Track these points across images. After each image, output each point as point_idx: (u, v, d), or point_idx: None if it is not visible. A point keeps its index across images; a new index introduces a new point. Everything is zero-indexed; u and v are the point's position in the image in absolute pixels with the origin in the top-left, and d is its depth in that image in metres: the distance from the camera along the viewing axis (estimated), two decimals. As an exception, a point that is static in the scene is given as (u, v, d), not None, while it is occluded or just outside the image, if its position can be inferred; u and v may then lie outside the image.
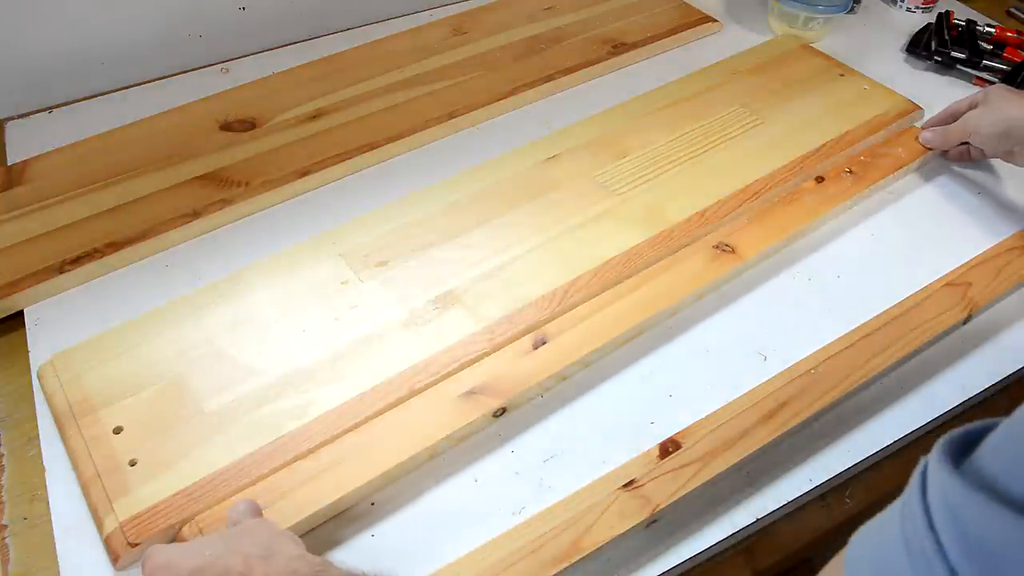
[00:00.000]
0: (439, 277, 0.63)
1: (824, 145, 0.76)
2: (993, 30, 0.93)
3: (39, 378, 0.58)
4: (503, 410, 0.56)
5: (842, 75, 0.87)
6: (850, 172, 0.74)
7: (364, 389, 0.55)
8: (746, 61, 0.88)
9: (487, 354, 0.58)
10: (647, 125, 0.78)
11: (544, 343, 0.58)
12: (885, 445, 0.55)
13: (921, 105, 0.83)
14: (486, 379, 0.56)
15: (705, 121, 0.79)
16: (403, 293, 0.62)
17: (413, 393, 0.55)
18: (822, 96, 0.82)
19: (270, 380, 0.56)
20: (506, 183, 0.72)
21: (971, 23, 0.94)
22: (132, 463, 0.51)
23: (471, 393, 0.55)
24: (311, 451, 0.52)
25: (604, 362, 0.60)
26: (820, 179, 0.73)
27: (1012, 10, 1.05)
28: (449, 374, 0.56)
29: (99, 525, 0.49)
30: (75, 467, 0.52)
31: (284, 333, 0.59)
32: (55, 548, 0.50)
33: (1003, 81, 0.86)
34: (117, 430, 0.53)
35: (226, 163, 0.75)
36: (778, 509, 0.52)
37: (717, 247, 0.66)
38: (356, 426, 0.53)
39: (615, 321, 0.60)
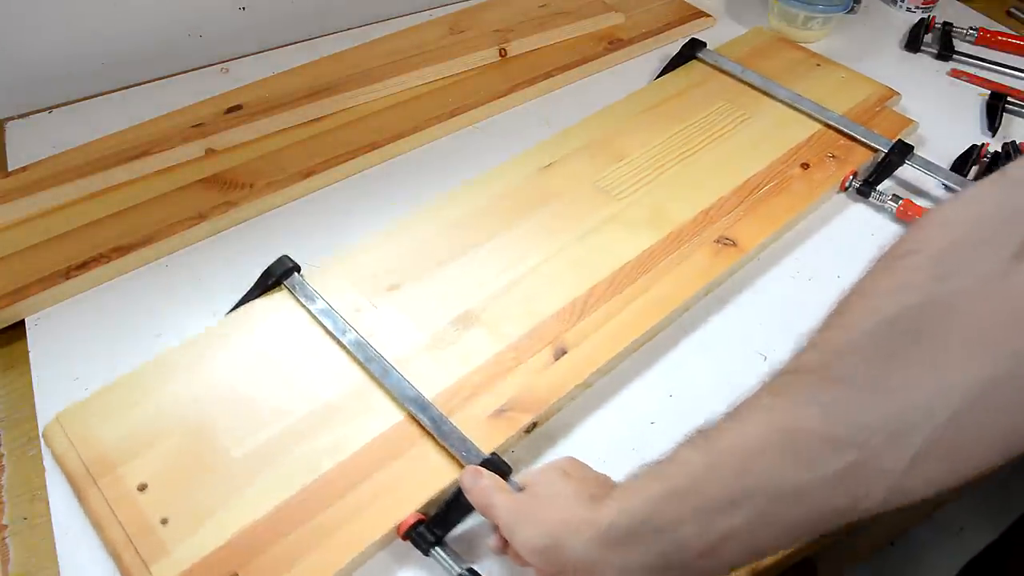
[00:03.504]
0: (454, 297, 0.61)
1: (814, 135, 0.77)
2: (976, 32, 0.96)
3: (45, 439, 0.54)
4: (534, 425, 0.55)
5: (819, 65, 0.88)
6: (833, 157, 0.75)
7: (397, 419, 0.53)
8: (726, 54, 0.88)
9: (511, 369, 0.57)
10: (638, 126, 0.78)
11: (564, 353, 0.57)
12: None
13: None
14: (513, 395, 0.55)
15: (693, 119, 0.79)
16: (420, 316, 0.60)
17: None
18: (803, 88, 0.82)
19: (298, 418, 0.53)
20: (507, 195, 0.70)
21: (947, 24, 0.97)
22: (164, 521, 0.48)
23: (502, 411, 0.54)
24: (353, 487, 0.50)
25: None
26: (805, 165, 0.74)
27: (1012, 10, 1.05)
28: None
29: None
30: (101, 533, 0.49)
31: (303, 368, 0.56)
32: (55, 548, 0.50)
33: (953, 167, 0.75)
34: (142, 487, 0.49)
35: (230, 165, 0.75)
36: (778, 509, 0.52)
37: (718, 241, 0.66)
38: (395, 457, 0.51)
39: (632, 324, 0.59)
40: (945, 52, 0.93)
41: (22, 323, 0.63)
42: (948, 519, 1.16)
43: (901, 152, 0.75)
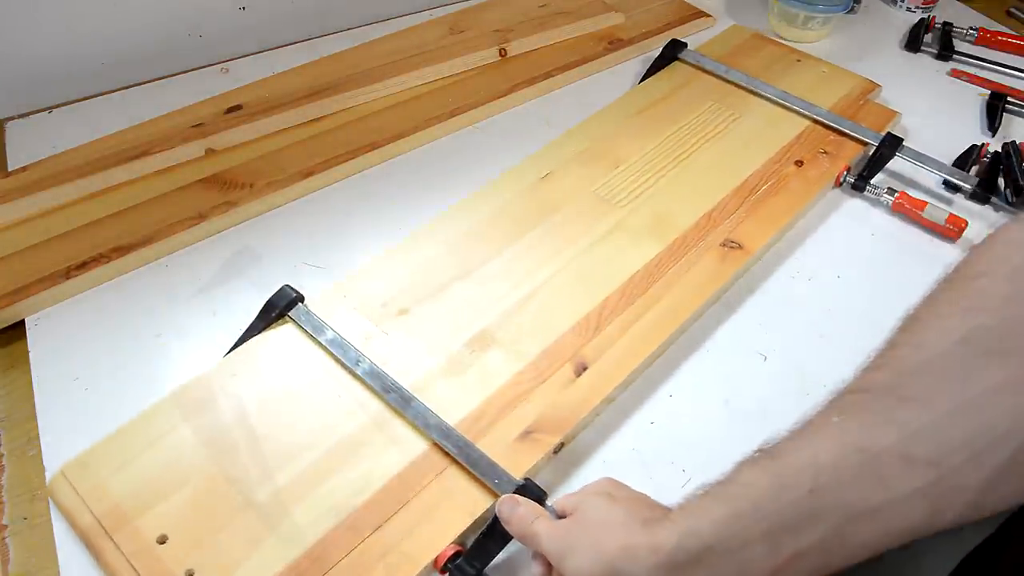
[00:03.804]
0: (466, 318, 0.60)
1: (804, 131, 0.78)
2: (976, 32, 0.96)
3: (51, 495, 0.51)
4: (562, 445, 0.54)
5: (799, 61, 0.88)
6: (825, 153, 0.75)
7: (422, 449, 0.52)
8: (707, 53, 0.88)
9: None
10: (630, 131, 0.78)
11: (585, 369, 0.56)
12: (885, 445, 0.55)
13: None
14: (538, 416, 0.54)
15: (684, 121, 0.79)
16: (434, 340, 0.58)
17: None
18: (786, 84, 0.82)
19: (319, 456, 0.51)
20: (507, 209, 0.69)
21: (947, 24, 0.97)
22: (190, 575, 0.46)
23: (528, 433, 0.53)
24: (384, 522, 0.48)
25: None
26: (799, 163, 0.74)
27: (1012, 10, 1.05)
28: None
29: None
30: None
31: (319, 402, 0.54)
32: (55, 548, 0.50)
33: (980, 185, 0.73)
34: (162, 540, 0.47)
35: (230, 165, 0.75)
36: (778, 509, 0.52)
37: (724, 245, 0.66)
38: (424, 488, 0.50)
39: (649, 335, 0.59)
40: (945, 52, 0.93)
41: (22, 323, 0.63)
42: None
43: (892, 145, 0.75)
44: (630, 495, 0.44)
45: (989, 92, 0.86)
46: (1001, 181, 0.75)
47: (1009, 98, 0.85)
